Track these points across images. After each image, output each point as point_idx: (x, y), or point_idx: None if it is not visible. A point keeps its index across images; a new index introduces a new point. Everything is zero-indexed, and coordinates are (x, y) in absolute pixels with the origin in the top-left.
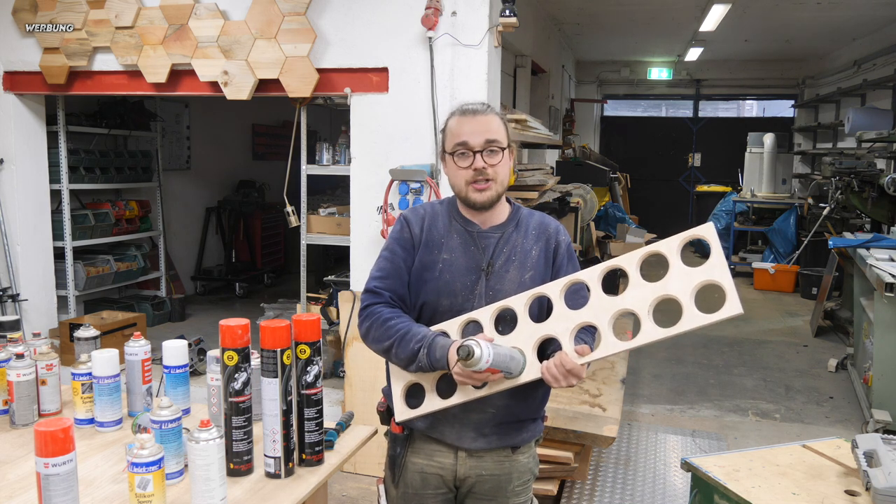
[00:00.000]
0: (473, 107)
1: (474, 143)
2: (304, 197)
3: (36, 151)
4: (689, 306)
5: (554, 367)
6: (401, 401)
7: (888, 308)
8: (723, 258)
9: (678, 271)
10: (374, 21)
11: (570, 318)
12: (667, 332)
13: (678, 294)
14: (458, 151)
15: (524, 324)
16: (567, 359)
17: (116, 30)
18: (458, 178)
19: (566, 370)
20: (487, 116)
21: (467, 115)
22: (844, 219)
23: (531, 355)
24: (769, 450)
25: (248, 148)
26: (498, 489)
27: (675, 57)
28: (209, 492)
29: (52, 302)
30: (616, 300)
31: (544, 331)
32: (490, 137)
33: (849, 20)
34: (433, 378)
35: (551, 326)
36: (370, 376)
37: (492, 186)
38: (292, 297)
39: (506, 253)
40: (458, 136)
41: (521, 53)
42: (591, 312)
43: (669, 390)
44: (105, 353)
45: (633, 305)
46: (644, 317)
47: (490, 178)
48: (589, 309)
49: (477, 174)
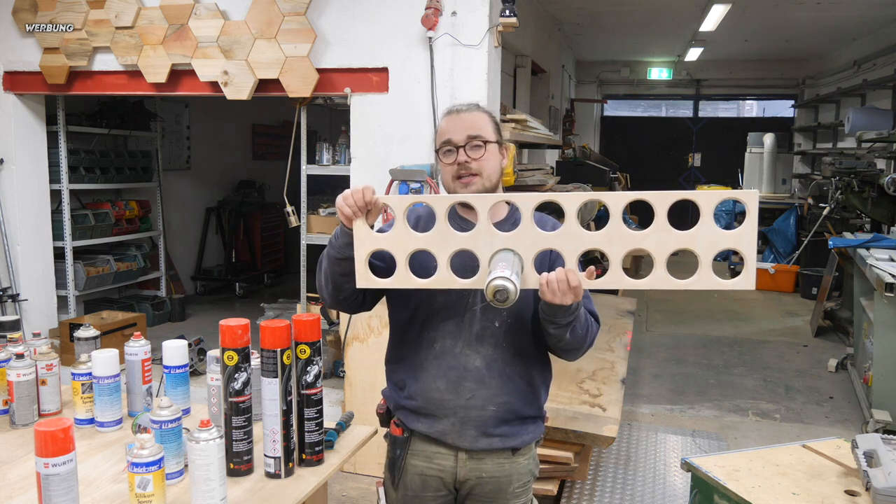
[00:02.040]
0: (459, 106)
1: (457, 140)
2: (304, 197)
3: (36, 151)
4: (706, 266)
5: (556, 280)
6: (364, 265)
7: (888, 308)
8: (755, 231)
9: (708, 229)
10: (374, 21)
11: (581, 239)
12: (677, 283)
13: (701, 251)
14: (443, 149)
15: (528, 230)
16: (573, 276)
17: (116, 30)
18: (446, 175)
19: (569, 286)
20: (473, 114)
21: (453, 114)
22: (844, 219)
23: (529, 267)
24: (769, 450)
25: (248, 148)
26: (498, 491)
27: (675, 57)
28: (209, 492)
29: (52, 302)
30: (636, 236)
31: (548, 243)
32: (472, 133)
33: (849, 20)
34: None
35: (558, 242)
36: (370, 376)
37: (476, 180)
38: (292, 297)
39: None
40: (445, 134)
41: (521, 53)
42: (605, 240)
43: (669, 390)
44: (105, 353)
45: (653, 248)
46: (659, 262)
47: (474, 171)
48: (603, 235)
49: (460, 168)
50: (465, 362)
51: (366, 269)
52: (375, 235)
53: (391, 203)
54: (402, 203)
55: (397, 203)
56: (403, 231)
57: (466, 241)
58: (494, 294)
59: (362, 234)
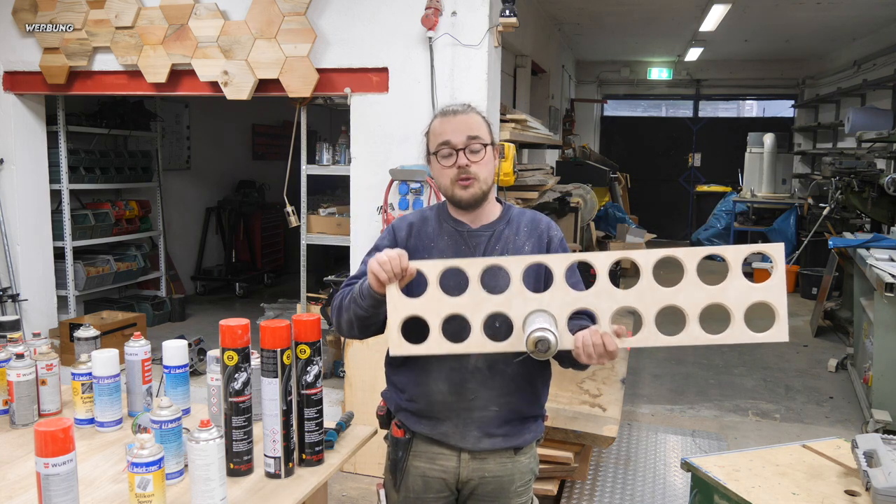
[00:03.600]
0: (454, 107)
1: (456, 141)
2: (304, 197)
3: (36, 151)
4: (738, 320)
5: (592, 344)
6: (397, 332)
7: (888, 308)
8: (784, 282)
9: (738, 283)
10: (374, 21)
11: (615, 298)
12: (711, 339)
13: (733, 306)
14: (441, 151)
15: (560, 289)
16: (610, 340)
17: (116, 30)
18: (444, 178)
19: (606, 350)
20: (468, 115)
21: (448, 115)
22: (844, 219)
23: (563, 325)
24: (769, 450)
25: (248, 148)
26: (500, 491)
27: (675, 57)
28: (209, 492)
29: (52, 302)
30: (667, 293)
31: (582, 303)
32: (472, 134)
33: (849, 20)
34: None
35: (592, 301)
36: (370, 376)
37: (475, 184)
38: (292, 297)
39: (498, 250)
40: (441, 136)
41: (521, 53)
42: (637, 297)
43: (669, 390)
44: (105, 353)
45: (685, 304)
46: (692, 318)
47: (471, 176)
48: (635, 292)
49: (461, 171)
50: (467, 363)
51: (399, 336)
52: (409, 302)
53: (425, 269)
54: (434, 269)
55: (430, 268)
56: (437, 295)
57: (500, 303)
58: (536, 344)
59: (395, 299)
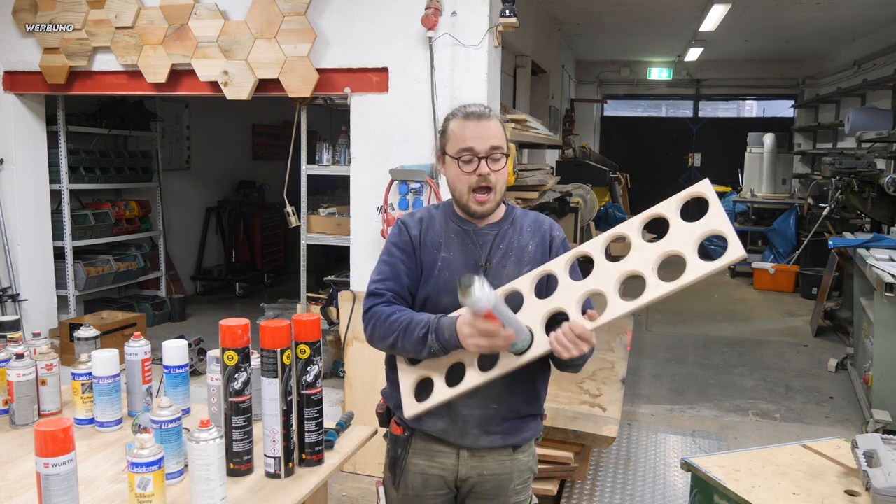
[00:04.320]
0: (477, 110)
1: (480, 149)
2: (304, 197)
3: (36, 151)
4: (692, 258)
5: (563, 335)
6: (410, 395)
7: (888, 308)
8: (721, 209)
9: (679, 227)
10: (374, 21)
11: (575, 289)
12: (672, 285)
13: (681, 248)
14: (463, 157)
15: (529, 302)
16: (576, 325)
17: (116, 30)
18: (461, 183)
19: (575, 335)
20: (491, 121)
21: (471, 118)
22: (844, 219)
23: (539, 331)
24: (769, 450)
25: (248, 148)
26: (499, 488)
27: (675, 57)
28: (209, 492)
29: (52, 302)
30: (619, 264)
31: (550, 305)
32: (495, 144)
33: (849, 20)
34: (442, 369)
35: (557, 299)
36: (370, 376)
37: (492, 197)
38: (292, 297)
39: (502, 249)
40: (464, 141)
41: (521, 53)
42: (595, 280)
43: (669, 390)
44: (105, 353)
45: (638, 266)
46: (649, 273)
47: (491, 185)
48: (594, 277)
49: (481, 179)
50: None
51: (412, 397)
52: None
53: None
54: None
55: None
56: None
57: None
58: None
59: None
